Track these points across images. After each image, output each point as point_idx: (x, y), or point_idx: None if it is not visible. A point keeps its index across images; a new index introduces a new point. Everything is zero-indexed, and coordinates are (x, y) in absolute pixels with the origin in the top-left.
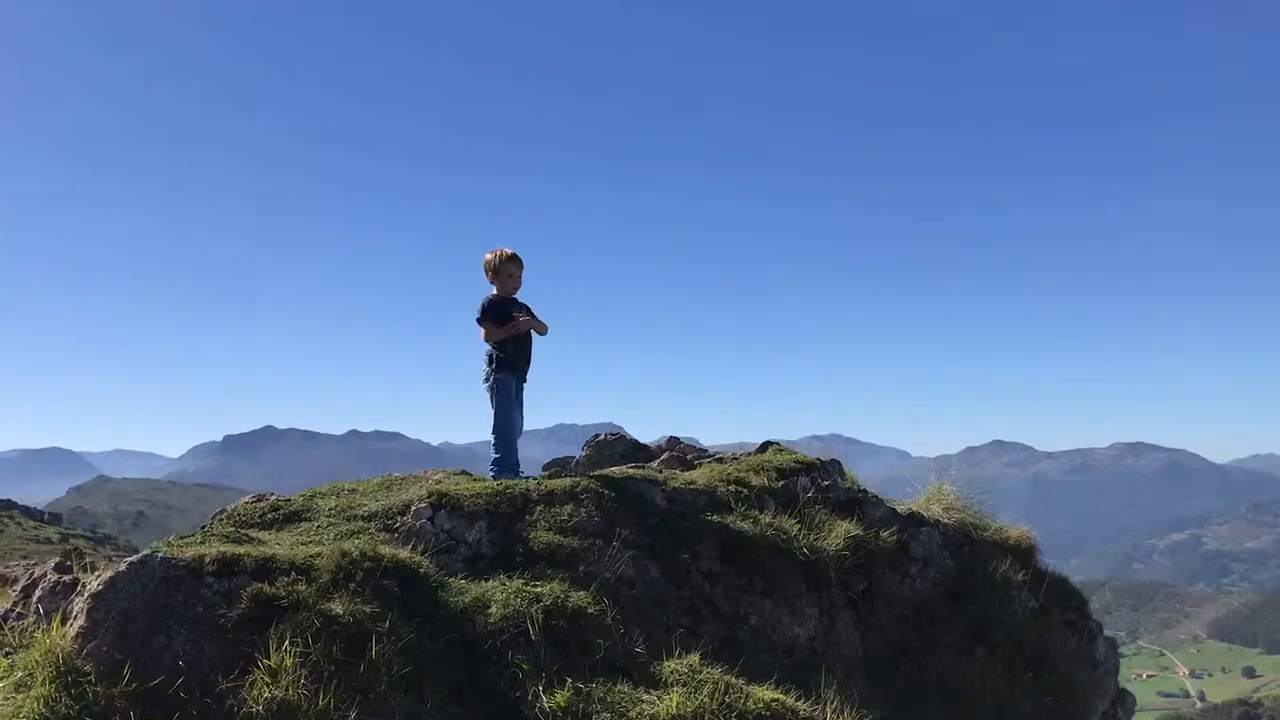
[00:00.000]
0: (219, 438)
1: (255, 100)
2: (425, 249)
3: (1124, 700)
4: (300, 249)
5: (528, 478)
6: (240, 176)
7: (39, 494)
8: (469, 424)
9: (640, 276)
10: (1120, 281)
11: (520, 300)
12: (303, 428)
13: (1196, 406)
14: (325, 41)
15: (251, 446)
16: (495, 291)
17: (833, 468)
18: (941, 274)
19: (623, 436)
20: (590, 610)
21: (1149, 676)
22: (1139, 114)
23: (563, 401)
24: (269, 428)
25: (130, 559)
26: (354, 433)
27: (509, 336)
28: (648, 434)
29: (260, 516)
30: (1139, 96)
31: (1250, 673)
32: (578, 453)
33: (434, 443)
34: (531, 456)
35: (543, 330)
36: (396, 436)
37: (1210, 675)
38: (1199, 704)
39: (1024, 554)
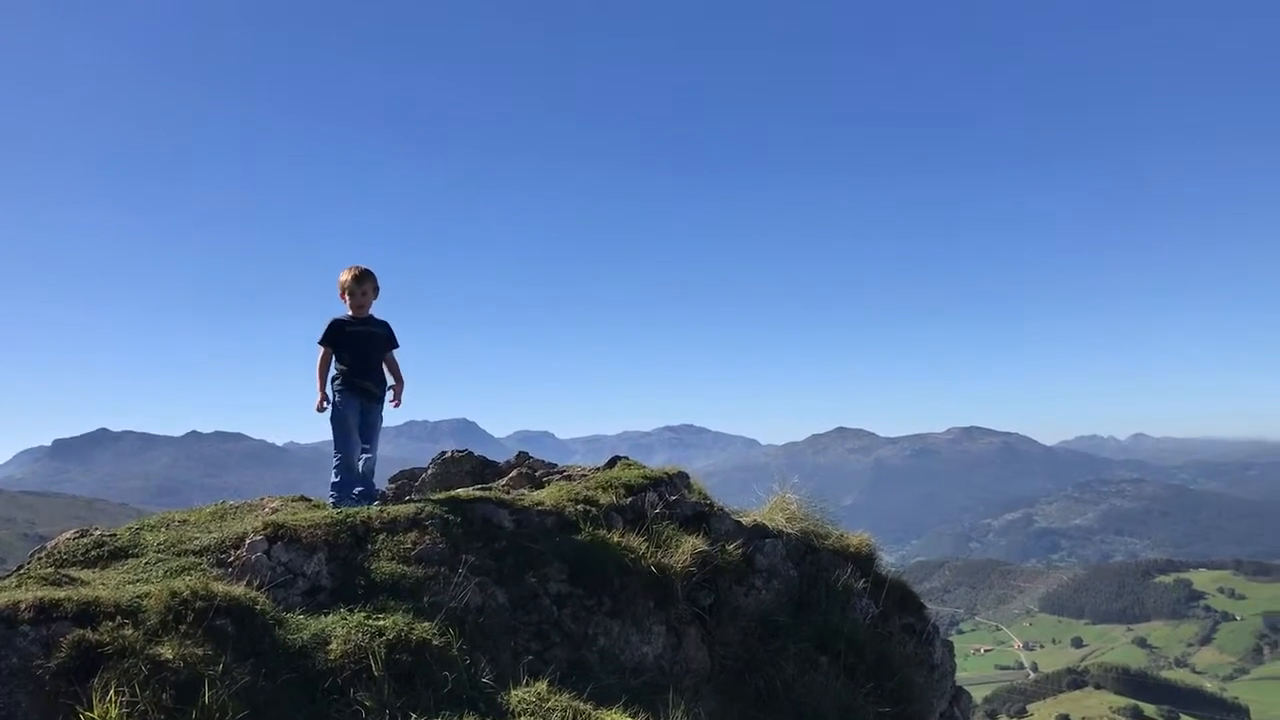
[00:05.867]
0: (48, 442)
1: (89, 85)
2: (269, 240)
3: (960, 699)
4: (136, 241)
5: (371, 500)
6: (79, 168)
7: None
8: (315, 422)
9: (491, 270)
10: (952, 272)
11: (377, 318)
12: (139, 430)
13: (1027, 391)
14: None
15: (84, 451)
16: (346, 312)
17: (680, 481)
18: (785, 264)
19: (470, 453)
20: (435, 642)
21: (986, 651)
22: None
23: (413, 397)
24: (103, 430)
25: None
26: (194, 434)
27: (319, 390)
28: (501, 428)
29: (84, 554)
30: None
31: (1078, 642)
32: (428, 449)
33: (279, 443)
34: (382, 455)
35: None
36: (239, 437)
37: (1042, 647)
38: (1032, 675)
39: (864, 560)
